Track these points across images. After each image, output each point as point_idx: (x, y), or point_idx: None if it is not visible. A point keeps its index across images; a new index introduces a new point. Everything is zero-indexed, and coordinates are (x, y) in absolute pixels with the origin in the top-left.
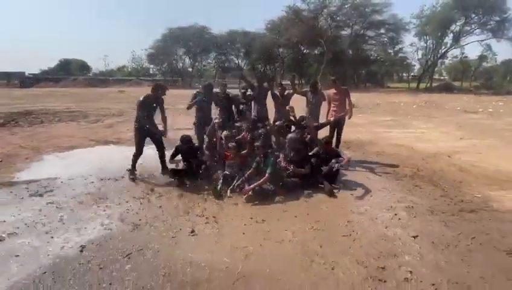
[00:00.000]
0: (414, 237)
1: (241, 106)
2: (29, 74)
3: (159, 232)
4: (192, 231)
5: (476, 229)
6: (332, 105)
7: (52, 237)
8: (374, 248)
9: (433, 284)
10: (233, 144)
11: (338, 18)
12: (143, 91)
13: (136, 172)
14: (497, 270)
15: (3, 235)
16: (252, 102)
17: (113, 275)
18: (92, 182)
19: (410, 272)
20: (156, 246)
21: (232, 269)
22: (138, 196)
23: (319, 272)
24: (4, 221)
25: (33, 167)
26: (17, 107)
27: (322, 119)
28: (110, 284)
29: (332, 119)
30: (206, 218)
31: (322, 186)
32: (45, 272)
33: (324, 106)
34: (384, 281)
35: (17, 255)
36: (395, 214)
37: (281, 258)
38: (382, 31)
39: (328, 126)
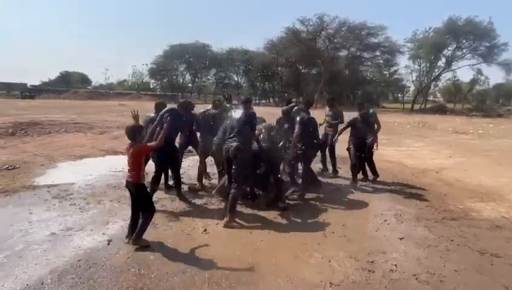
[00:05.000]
0: (400, 238)
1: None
2: (30, 85)
3: (175, 230)
4: (205, 230)
5: (455, 234)
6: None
7: (80, 232)
8: (365, 246)
9: (414, 275)
10: None
11: (335, 40)
12: (143, 105)
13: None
14: (470, 266)
15: (37, 229)
16: None
17: (140, 262)
18: (108, 187)
19: (395, 265)
20: (174, 240)
21: (243, 259)
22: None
23: (317, 263)
24: (36, 219)
25: (50, 173)
26: (23, 117)
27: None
28: (138, 269)
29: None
30: (217, 220)
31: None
32: (80, 260)
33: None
34: (373, 272)
35: (53, 247)
36: (385, 220)
37: (284, 252)
38: (377, 53)
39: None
